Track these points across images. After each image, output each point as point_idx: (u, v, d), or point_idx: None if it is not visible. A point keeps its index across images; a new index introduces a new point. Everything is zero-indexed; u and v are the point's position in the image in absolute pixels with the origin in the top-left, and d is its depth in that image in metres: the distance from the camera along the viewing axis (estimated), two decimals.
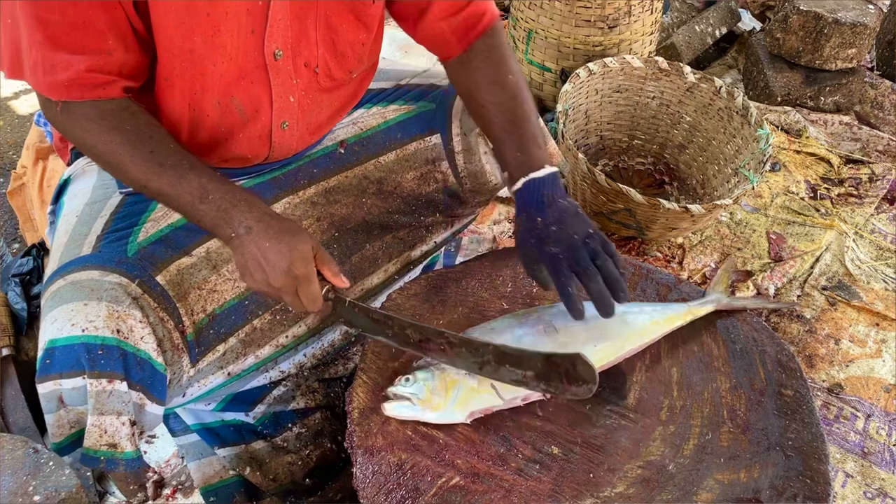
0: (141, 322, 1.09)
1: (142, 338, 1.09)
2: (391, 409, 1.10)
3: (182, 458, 1.46)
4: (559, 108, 2.05)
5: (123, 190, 1.26)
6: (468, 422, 1.12)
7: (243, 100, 1.20)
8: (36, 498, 0.96)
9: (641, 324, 1.25)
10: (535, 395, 1.16)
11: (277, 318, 1.34)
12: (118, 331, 1.06)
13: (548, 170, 1.20)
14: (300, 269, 1.05)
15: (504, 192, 1.64)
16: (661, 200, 1.84)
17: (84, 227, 1.20)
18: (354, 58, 1.30)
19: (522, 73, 1.33)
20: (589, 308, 1.15)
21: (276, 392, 1.46)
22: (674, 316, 1.29)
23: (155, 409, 1.13)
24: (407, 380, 1.11)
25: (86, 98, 1.06)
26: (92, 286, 1.08)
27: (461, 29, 1.30)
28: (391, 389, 1.11)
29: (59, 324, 1.04)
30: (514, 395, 1.13)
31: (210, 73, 1.14)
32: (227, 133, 1.23)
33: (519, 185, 1.21)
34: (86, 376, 1.04)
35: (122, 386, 1.06)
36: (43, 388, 1.06)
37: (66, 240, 1.19)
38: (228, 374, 1.30)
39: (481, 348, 1.07)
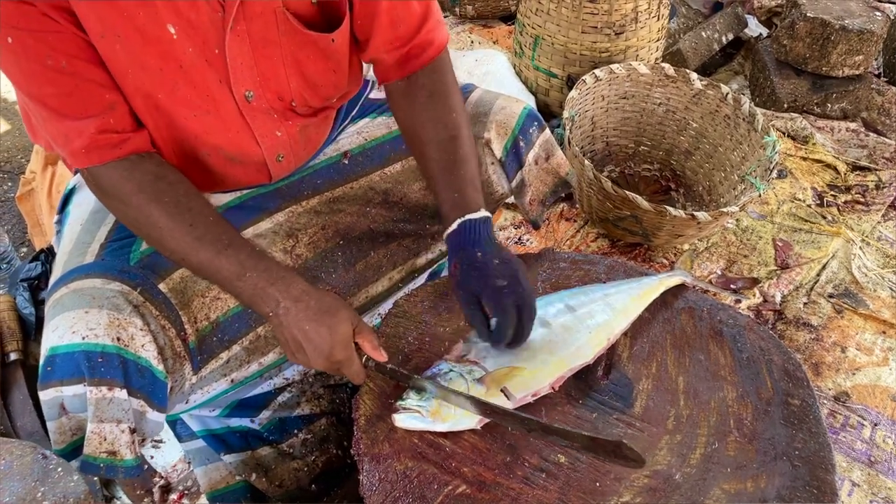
0: (142, 330, 1.09)
1: (143, 345, 1.09)
2: (401, 420, 1.10)
3: (189, 463, 1.46)
4: (565, 114, 2.06)
5: None
6: (479, 427, 1.12)
7: (230, 148, 1.21)
8: None
9: (623, 303, 1.30)
10: (545, 391, 1.17)
11: None
12: (118, 338, 1.06)
13: (483, 213, 1.19)
14: (340, 354, 1.08)
15: (512, 200, 1.65)
16: (667, 208, 1.84)
17: (88, 236, 1.21)
18: (329, 87, 1.28)
19: (465, 111, 1.30)
20: (575, 296, 1.27)
21: (280, 398, 1.46)
22: (649, 289, 1.35)
23: (156, 417, 1.13)
24: (416, 392, 1.12)
25: (106, 160, 1.07)
26: (94, 294, 1.08)
27: (402, 59, 1.27)
28: (400, 402, 1.11)
29: (60, 331, 1.05)
30: (524, 392, 1.14)
31: (187, 128, 1.15)
32: (221, 174, 1.25)
33: (454, 225, 1.18)
34: (86, 384, 1.04)
35: (121, 394, 1.06)
36: (45, 395, 1.06)
37: (71, 248, 1.19)
38: (232, 381, 1.30)
39: (528, 422, 1.06)
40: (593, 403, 1.20)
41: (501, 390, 1.13)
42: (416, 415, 1.10)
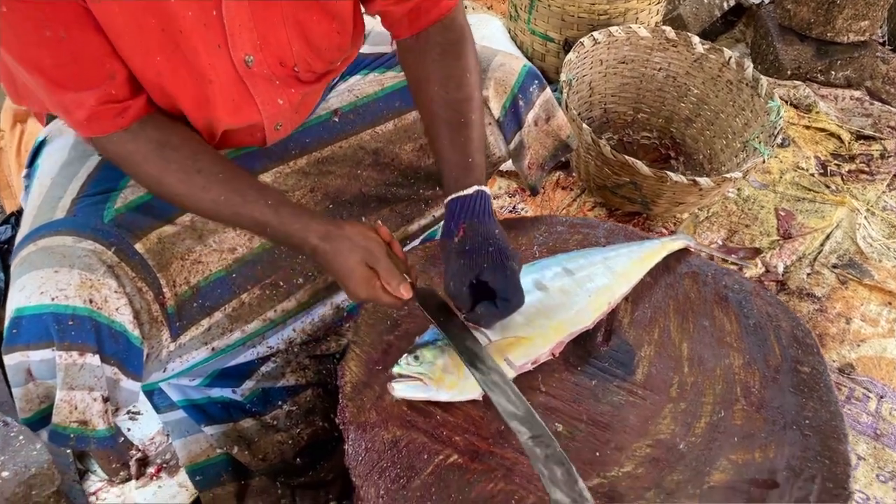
0: (116, 292, 1.02)
1: (117, 309, 1.02)
2: (401, 390, 1.03)
3: (167, 435, 1.40)
4: (563, 77, 1.98)
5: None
6: (481, 398, 1.05)
7: (229, 119, 1.14)
8: (4, 474, 0.90)
9: (623, 267, 1.24)
10: (544, 357, 1.11)
11: (267, 292, 1.27)
12: (91, 300, 0.99)
13: (488, 189, 1.14)
14: (362, 290, 1.04)
15: (508, 165, 1.58)
16: (667, 173, 1.78)
17: (58, 190, 1.13)
18: (332, 49, 1.21)
19: (480, 75, 1.24)
20: (573, 259, 1.21)
21: (264, 368, 1.39)
22: (650, 253, 1.29)
23: (131, 385, 1.06)
24: (415, 358, 1.03)
25: (109, 131, 1.02)
26: (64, 252, 1.01)
27: (413, 13, 1.20)
28: (397, 369, 1.03)
29: (27, 291, 0.98)
30: (524, 360, 1.08)
31: (184, 97, 1.08)
32: (221, 140, 1.19)
33: (469, 191, 1.12)
34: (55, 348, 0.97)
35: (94, 359, 0.99)
36: (9, 360, 0.99)
37: (40, 203, 1.12)
38: (212, 349, 1.24)
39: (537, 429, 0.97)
40: (593, 370, 1.14)
41: (504, 360, 1.06)
42: (417, 383, 1.03)
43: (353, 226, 1.05)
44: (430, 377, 1.02)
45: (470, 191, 1.11)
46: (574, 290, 1.17)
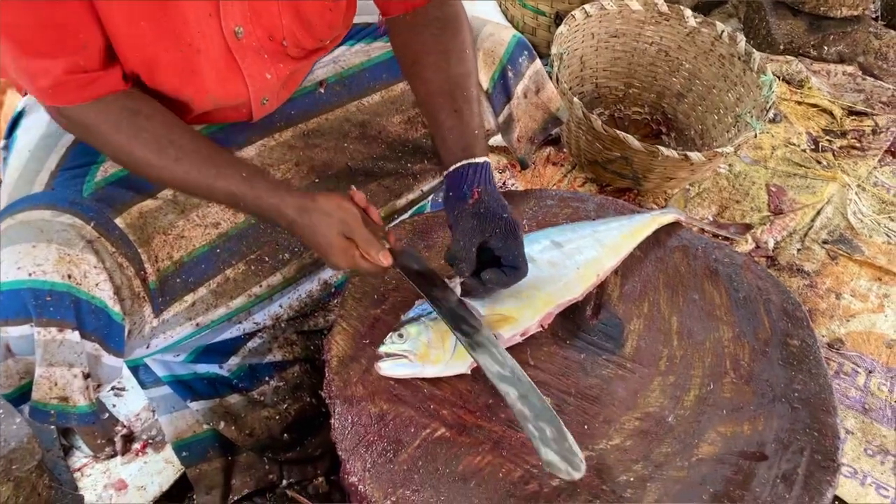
0: (96, 268, 1.01)
1: (97, 284, 1.00)
2: (387, 368, 1.02)
3: (153, 411, 1.39)
4: (553, 50, 1.95)
5: None
6: (469, 371, 1.04)
7: (216, 92, 1.12)
8: None
9: (613, 240, 1.23)
10: (533, 329, 1.10)
11: (252, 268, 1.25)
12: (69, 276, 0.97)
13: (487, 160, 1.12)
14: (339, 259, 1.03)
15: (496, 140, 1.56)
16: (659, 147, 1.76)
17: (37, 164, 1.11)
18: (323, 26, 1.19)
19: (476, 52, 1.23)
20: (562, 233, 1.20)
21: (251, 344, 1.38)
22: (640, 226, 1.28)
23: (112, 362, 1.05)
24: (399, 336, 1.03)
25: (74, 102, 0.99)
26: (42, 227, 0.99)
27: None
28: (383, 348, 1.03)
29: (4, 266, 0.96)
30: (512, 332, 1.07)
31: (171, 67, 1.05)
32: (205, 115, 1.18)
33: (480, 159, 1.10)
34: (33, 324, 0.96)
35: (73, 335, 0.98)
36: None
37: (18, 176, 1.10)
38: (197, 325, 1.22)
39: (529, 393, 0.96)
40: (582, 344, 1.13)
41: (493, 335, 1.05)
42: (403, 361, 1.02)
43: (328, 197, 1.04)
44: (415, 354, 1.02)
45: (480, 160, 1.10)
46: (562, 262, 1.16)
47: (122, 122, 1.01)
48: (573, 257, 1.17)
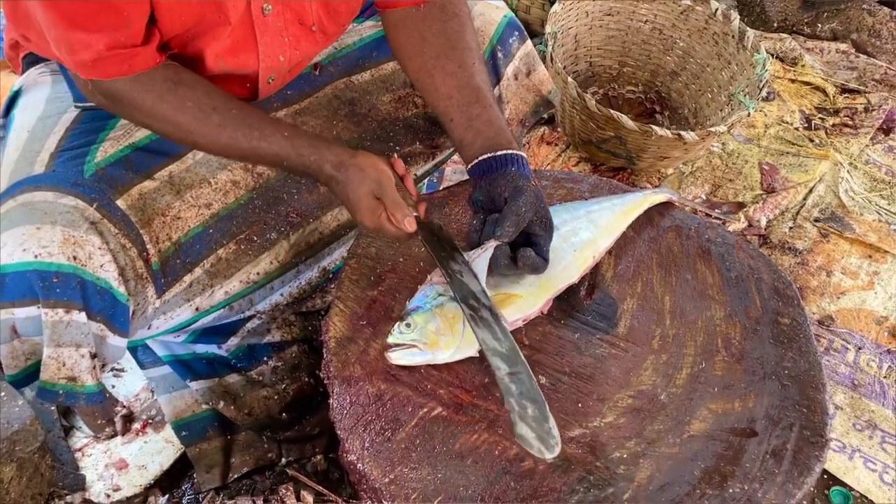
0: (100, 249, 1.01)
1: (101, 265, 1.01)
2: (398, 358, 1.02)
3: (152, 391, 1.40)
4: (548, 28, 1.95)
5: (79, 104, 1.17)
6: (478, 354, 1.05)
7: (228, 58, 1.12)
8: None
9: (607, 220, 1.24)
10: (534, 314, 1.11)
11: (242, 247, 1.26)
12: (75, 257, 0.98)
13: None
14: (366, 217, 1.05)
15: None
16: (653, 127, 1.77)
17: (36, 144, 1.11)
18: (348, 12, 1.20)
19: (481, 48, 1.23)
20: (557, 214, 1.17)
21: (249, 325, 1.39)
22: (633, 206, 1.29)
23: (117, 342, 1.06)
24: (407, 325, 1.02)
25: (113, 76, 1.00)
26: (45, 209, 0.99)
27: None
28: (391, 339, 1.02)
29: (9, 248, 0.96)
30: (516, 317, 1.08)
31: (194, 30, 1.06)
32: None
33: (514, 151, 1.10)
34: (40, 305, 0.97)
35: (80, 316, 0.99)
36: None
37: (18, 157, 1.10)
38: (196, 308, 1.23)
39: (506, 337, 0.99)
40: (576, 324, 1.14)
41: None
42: (413, 350, 1.02)
43: (367, 156, 1.06)
44: (423, 342, 1.01)
45: (514, 151, 1.11)
46: (559, 245, 1.16)
47: (165, 94, 1.03)
48: (569, 240, 1.17)
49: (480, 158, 1.10)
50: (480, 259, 1.06)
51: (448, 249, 1.07)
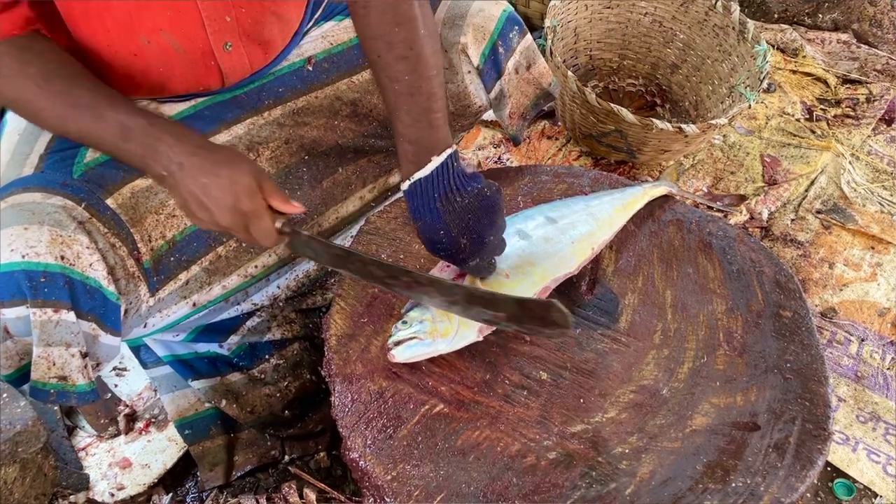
0: (88, 248, 1.01)
1: (90, 265, 1.01)
2: (401, 353, 1.02)
3: (155, 390, 1.40)
4: (547, 22, 1.94)
5: None
6: (482, 338, 1.05)
7: (171, 29, 1.06)
8: None
9: (607, 213, 1.24)
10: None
11: (244, 245, 1.26)
12: (63, 257, 0.98)
13: (444, 154, 1.02)
14: (246, 204, 0.96)
15: (489, 115, 1.55)
16: (653, 120, 1.76)
17: (26, 147, 1.11)
18: None
19: (430, 16, 1.09)
20: (556, 209, 1.19)
21: (250, 323, 1.39)
22: (633, 200, 1.29)
23: (110, 341, 1.06)
24: (403, 323, 1.04)
25: None
26: (33, 209, 0.99)
27: None
28: (391, 340, 1.03)
29: None
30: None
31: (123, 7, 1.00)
32: (166, 71, 1.11)
33: (425, 172, 1.01)
34: (29, 305, 0.97)
35: (69, 316, 0.99)
36: None
37: (8, 160, 1.10)
38: (194, 304, 1.23)
39: (451, 289, 0.98)
40: (577, 319, 1.14)
41: None
42: (415, 341, 1.02)
43: (234, 150, 1.01)
44: (424, 332, 1.02)
45: (425, 172, 1.01)
46: (557, 237, 1.17)
47: (11, 58, 0.96)
48: (567, 232, 1.17)
49: (409, 183, 1.03)
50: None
51: (341, 255, 1.02)
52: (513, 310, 0.95)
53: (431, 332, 1.03)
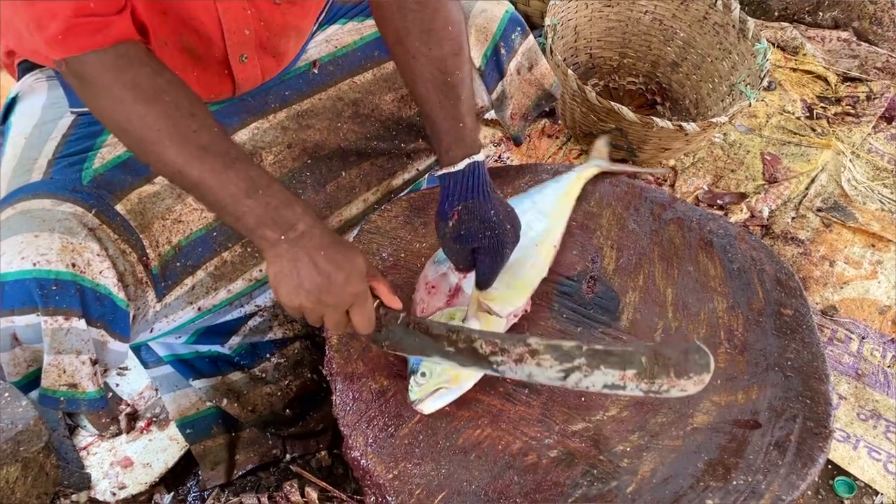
0: (99, 255, 1.01)
1: (100, 272, 1.01)
2: (431, 406, 0.98)
3: (156, 390, 1.41)
4: (547, 21, 1.94)
5: (75, 109, 1.16)
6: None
7: (189, 35, 1.06)
8: None
9: (553, 205, 1.26)
10: (521, 311, 1.12)
11: (248, 249, 1.26)
12: (73, 264, 0.97)
13: (482, 154, 1.08)
14: (357, 285, 0.92)
15: (490, 114, 1.55)
16: (654, 119, 1.76)
17: (34, 151, 1.11)
18: None
19: (464, 25, 1.13)
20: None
21: (251, 323, 1.39)
22: (570, 185, 1.31)
23: (118, 347, 1.06)
24: (422, 375, 0.99)
25: (86, 49, 0.88)
26: (43, 216, 0.99)
27: None
28: (414, 395, 0.98)
29: (7, 257, 0.96)
30: (511, 310, 1.09)
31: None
32: (181, 75, 1.03)
33: (461, 166, 1.05)
34: (40, 313, 0.96)
35: (80, 323, 0.98)
36: None
37: (15, 164, 1.10)
38: (199, 308, 1.23)
39: (573, 352, 0.89)
40: (578, 318, 1.14)
41: (486, 310, 1.06)
42: (440, 392, 0.98)
43: (349, 241, 1.00)
44: (448, 381, 0.99)
45: (462, 165, 1.05)
46: (522, 242, 1.12)
47: (141, 79, 0.90)
48: (528, 234, 1.16)
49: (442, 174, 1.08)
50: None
51: (419, 344, 0.98)
52: (644, 364, 0.86)
53: (455, 379, 0.99)
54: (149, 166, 0.98)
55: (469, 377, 1.00)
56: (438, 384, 0.98)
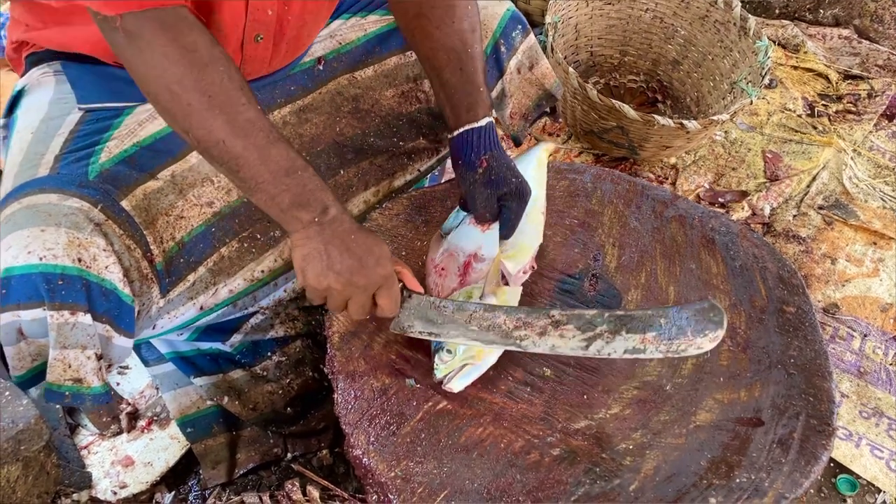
0: (105, 250, 1.01)
1: (106, 267, 1.01)
2: (459, 383, 1.00)
3: (157, 388, 1.40)
4: (548, 19, 1.94)
5: (83, 105, 1.16)
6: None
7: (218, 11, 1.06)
8: None
9: (531, 175, 1.26)
10: (527, 267, 1.17)
11: (245, 245, 1.25)
12: (80, 259, 0.97)
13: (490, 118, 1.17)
14: (386, 268, 0.97)
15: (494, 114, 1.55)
16: (655, 116, 1.76)
17: (40, 146, 1.10)
18: None
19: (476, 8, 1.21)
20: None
21: (253, 321, 1.38)
22: (538, 157, 1.33)
23: (123, 342, 1.05)
24: (448, 352, 1.00)
25: (147, 6, 0.88)
26: (49, 211, 0.99)
27: None
28: (440, 373, 1.00)
29: (14, 251, 0.96)
30: (520, 267, 1.16)
31: None
32: None
33: (483, 122, 1.14)
34: (46, 308, 0.96)
35: (85, 318, 0.98)
36: (0, 320, 0.98)
37: (21, 159, 1.09)
38: (201, 307, 1.22)
39: (595, 319, 0.95)
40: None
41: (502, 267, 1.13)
42: (467, 368, 1.00)
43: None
44: (473, 356, 1.01)
45: (483, 122, 1.14)
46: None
47: (201, 46, 0.91)
48: None
49: (450, 139, 1.17)
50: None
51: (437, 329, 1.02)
52: (663, 324, 0.92)
53: (479, 355, 1.01)
54: (185, 134, 0.97)
55: (492, 352, 1.02)
56: (464, 360, 1.01)
